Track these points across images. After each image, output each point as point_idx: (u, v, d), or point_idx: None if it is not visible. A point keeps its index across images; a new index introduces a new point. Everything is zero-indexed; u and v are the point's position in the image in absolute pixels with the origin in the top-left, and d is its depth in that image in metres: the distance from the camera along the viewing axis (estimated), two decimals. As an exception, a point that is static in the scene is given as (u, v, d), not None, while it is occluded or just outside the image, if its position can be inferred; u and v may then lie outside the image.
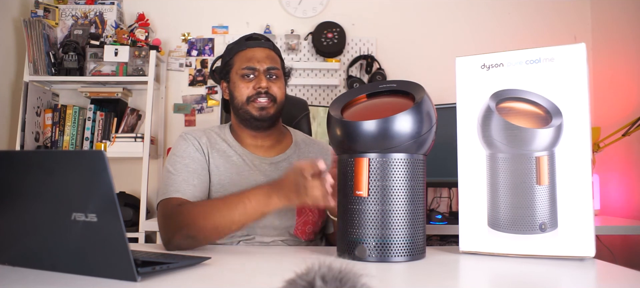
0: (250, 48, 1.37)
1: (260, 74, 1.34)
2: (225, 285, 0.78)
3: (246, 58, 1.36)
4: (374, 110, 1.01)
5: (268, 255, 1.06)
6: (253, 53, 1.36)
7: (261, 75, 1.34)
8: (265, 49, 1.38)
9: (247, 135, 1.39)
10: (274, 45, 1.42)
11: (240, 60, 1.37)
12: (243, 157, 1.35)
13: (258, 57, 1.35)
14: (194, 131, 1.38)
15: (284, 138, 1.45)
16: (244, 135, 1.39)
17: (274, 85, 1.35)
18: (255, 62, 1.35)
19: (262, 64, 1.35)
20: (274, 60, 1.38)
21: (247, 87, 1.34)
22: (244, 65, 1.35)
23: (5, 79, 2.74)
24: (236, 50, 1.39)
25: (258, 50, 1.37)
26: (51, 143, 2.73)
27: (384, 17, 3.03)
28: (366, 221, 0.95)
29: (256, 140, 1.39)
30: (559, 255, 0.96)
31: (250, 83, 1.34)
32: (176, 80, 3.00)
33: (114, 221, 0.70)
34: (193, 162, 1.29)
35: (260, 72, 1.34)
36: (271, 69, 1.35)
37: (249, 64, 1.35)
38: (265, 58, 1.36)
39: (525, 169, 0.99)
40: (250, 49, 1.37)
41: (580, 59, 0.97)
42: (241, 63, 1.36)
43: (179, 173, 1.26)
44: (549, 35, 2.97)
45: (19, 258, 0.83)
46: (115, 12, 2.85)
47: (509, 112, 1.01)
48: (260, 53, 1.36)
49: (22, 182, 0.79)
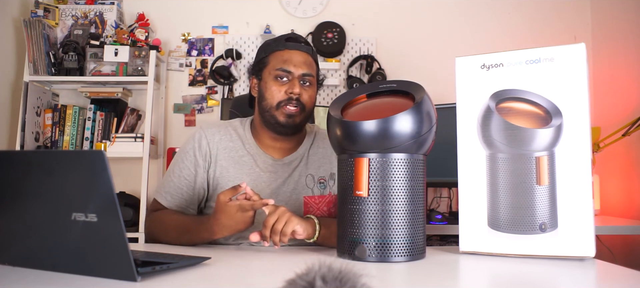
0: (289, 50, 1.32)
1: (294, 78, 1.30)
2: (225, 285, 0.78)
3: (282, 59, 1.31)
4: (374, 110, 1.01)
5: (268, 255, 1.06)
6: (290, 55, 1.31)
7: (295, 80, 1.29)
8: (303, 52, 1.33)
9: (267, 137, 1.36)
10: (313, 50, 1.37)
11: (276, 60, 1.32)
12: (255, 158, 1.34)
13: (295, 60, 1.30)
14: (209, 128, 1.37)
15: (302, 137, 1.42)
16: (264, 135, 1.37)
17: (306, 93, 1.31)
18: (291, 66, 1.29)
19: (298, 68, 1.30)
20: (310, 66, 1.33)
21: (279, 90, 1.29)
22: (279, 66, 1.30)
23: (5, 79, 2.74)
24: (273, 49, 1.33)
25: (296, 53, 1.32)
26: (51, 143, 2.73)
27: (384, 17, 3.03)
28: (366, 221, 0.95)
29: (276, 142, 1.36)
30: (559, 255, 0.96)
31: (283, 87, 1.29)
32: (176, 80, 3.00)
33: (114, 221, 0.70)
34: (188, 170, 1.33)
35: (295, 77, 1.30)
36: (306, 75, 1.31)
37: (285, 66, 1.29)
38: (302, 63, 1.31)
39: (525, 169, 0.99)
40: (289, 50, 1.32)
41: (580, 59, 0.97)
42: (276, 63, 1.31)
43: (172, 178, 1.33)
44: (549, 35, 2.97)
45: (19, 258, 0.83)
46: (115, 12, 2.85)
47: (508, 112, 1.01)
48: (298, 57, 1.31)
49: (22, 182, 0.79)
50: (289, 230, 1.06)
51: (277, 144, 1.37)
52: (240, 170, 1.32)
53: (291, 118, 1.30)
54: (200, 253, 1.01)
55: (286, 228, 1.05)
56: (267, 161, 1.34)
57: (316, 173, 1.36)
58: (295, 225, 1.07)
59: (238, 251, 1.14)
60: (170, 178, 1.34)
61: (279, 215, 1.07)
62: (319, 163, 1.37)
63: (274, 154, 1.36)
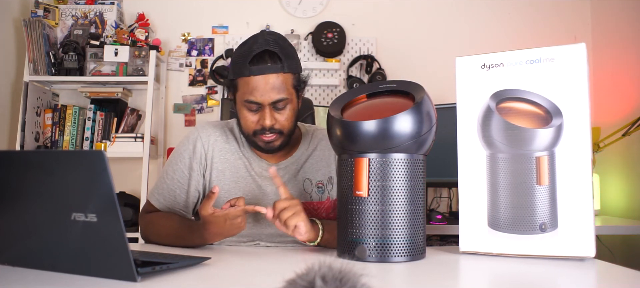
0: (254, 76, 1.18)
1: (264, 108, 1.21)
2: (225, 285, 0.78)
3: (249, 89, 1.19)
4: (374, 110, 1.01)
5: (268, 255, 1.06)
6: (256, 84, 1.18)
7: (265, 110, 1.21)
8: (270, 75, 1.19)
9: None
10: (284, 62, 1.20)
11: (243, 87, 1.21)
12: (250, 161, 1.32)
13: (262, 89, 1.18)
14: (205, 129, 1.34)
15: (297, 140, 1.38)
16: None
17: (281, 116, 1.23)
18: (258, 95, 1.19)
19: (266, 97, 1.19)
20: (281, 88, 1.20)
21: (252, 120, 1.23)
22: (247, 97, 1.20)
23: (5, 79, 2.74)
24: (239, 74, 1.21)
25: (261, 79, 1.18)
26: (51, 143, 2.73)
27: (384, 17, 3.03)
28: (366, 221, 0.95)
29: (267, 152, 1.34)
30: (559, 255, 0.96)
31: (255, 116, 1.23)
32: (176, 80, 3.00)
33: (114, 221, 0.70)
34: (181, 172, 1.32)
35: (265, 107, 1.21)
36: (277, 101, 1.20)
37: (252, 97, 1.19)
38: (270, 89, 1.19)
39: (525, 169, 0.99)
40: (254, 76, 1.18)
41: (580, 59, 0.97)
42: (243, 92, 1.21)
43: (165, 180, 1.33)
44: (549, 35, 2.97)
45: (19, 258, 0.83)
46: (115, 12, 2.85)
47: (509, 112, 1.01)
48: (265, 83, 1.18)
49: (22, 182, 0.79)
50: (293, 223, 1.06)
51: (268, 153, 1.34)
52: (236, 173, 1.31)
53: (269, 143, 1.25)
54: (200, 253, 1.01)
55: (290, 221, 1.06)
56: (262, 165, 1.32)
57: (314, 177, 1.34)
58: (301, 221, 1.07)
59: (238, 251, 1.14)
60: (164, 180, 1.32)
61: (290, 204, 1.08)
62: (317, 167, 1.35)
63: (270, 159, 1.33)
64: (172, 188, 1.31)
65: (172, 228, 1.22)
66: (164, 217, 1.28)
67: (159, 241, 1.24)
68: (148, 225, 1.29)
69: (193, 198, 1.32)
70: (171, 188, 1.31)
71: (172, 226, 1.23)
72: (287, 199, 1.10)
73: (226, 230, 1.10)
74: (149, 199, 1.34)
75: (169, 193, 1.31)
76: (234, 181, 1.30)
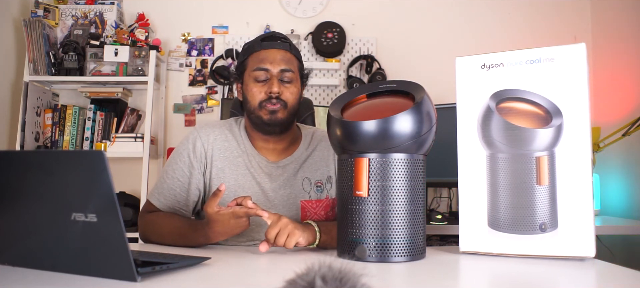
0: (265, 49, 1.31)
1: (272, 77, 1.29)
2: (225, 285, 0.78)
3: (259, 59, 1.30)
4: (374, 110, 1.01)
5: (268, 255, 1.06)
6: (267, 54, 1.30)
7: (273, 79, 1.29)
8: (280, 50, 1.32)
9: (259, 138, 1.36)
10: (292, 46, 1.35)
11: (253, 61, 1.31)
12: (250, 158, 1.33)
13: (271, 58, 1.30)
14: (204, 129, 1.36)
15: (297, 140, 1.41)
16: (256, 137, 1.36)
17: (287, 90, 1.30)
18: (267, 64, 1.29)
19: (275, 65, 1.29)
20: (289, 62, 1.31)
21: (259, 91, 1.29)
22: (256, 65, 1.30)
23: (5, 79, 2.74)
24: (250, 51, 1.33)
25: (272, 51, 1.31)
26: (51, 143, 2.73)
27: (384, 17, 3.03)
28: (366, 221, 0.95)
29: (268, 143, 1.36)
30: (559, 255, 0.96)
31: (262, 87, 1.29)
32: (176, 80, 3.00)
33: (114, 221, 0.70)
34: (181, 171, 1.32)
35: (273, 75, 1.29)
36: (285, 70, 1.30)
37: (261, 64, 1.29)
38: (280, 60, 1.30)
39: (525, 169, 0.99)
40: (265, 50, 1.31)
41: (580, 59, 0.97)
42: (254, 63, 1.31)
43: (165, 180, 1.33)
44: (549, 35, 2.97)
45: (19, 258, 0.83)
46: (115, 12, 2.85)
47: (509, 112, 1.01)
48: (275, 54, 1.30)
49: (22, 182, 0.79)
50: (291, 244, 1.06)
51: (270, 145, 1.36)
52: (236, 171, 1.32)
53: (274, 114, 1.28)
54: (200, 254, 1.01)
55: (288, 243, 1.06)
56: (261, 163, 1.33)
57: (313, 176, 1.35)
58: (298, 238, 1.06)
59: (238, 251, 1.14)
60: (164, 180, 1.33)
61: (281, 227, 1.06)
62: (316, 166, 1.36)
63: (269, 156, 1.35)
64: (173, 188, 1.31)
65: (174, 227, 1.22)
66: (165, 217, 1.28)
67: (160, 241, 1.24)
68: (148, 225, 1.28)
69: (194, 197, 1.32)
70: (171, 187, 1.31)
71: (175, 225, 1.23)
72: (275, 224, 1.07)
73: (230, 228, 1.10)
74: (149, 199, 1.34)
75: (170, 193, 1.31)
76: (234, 178, 1.31)
